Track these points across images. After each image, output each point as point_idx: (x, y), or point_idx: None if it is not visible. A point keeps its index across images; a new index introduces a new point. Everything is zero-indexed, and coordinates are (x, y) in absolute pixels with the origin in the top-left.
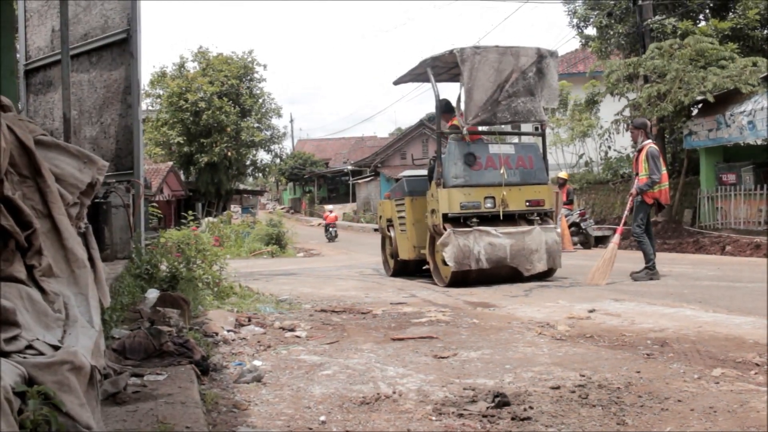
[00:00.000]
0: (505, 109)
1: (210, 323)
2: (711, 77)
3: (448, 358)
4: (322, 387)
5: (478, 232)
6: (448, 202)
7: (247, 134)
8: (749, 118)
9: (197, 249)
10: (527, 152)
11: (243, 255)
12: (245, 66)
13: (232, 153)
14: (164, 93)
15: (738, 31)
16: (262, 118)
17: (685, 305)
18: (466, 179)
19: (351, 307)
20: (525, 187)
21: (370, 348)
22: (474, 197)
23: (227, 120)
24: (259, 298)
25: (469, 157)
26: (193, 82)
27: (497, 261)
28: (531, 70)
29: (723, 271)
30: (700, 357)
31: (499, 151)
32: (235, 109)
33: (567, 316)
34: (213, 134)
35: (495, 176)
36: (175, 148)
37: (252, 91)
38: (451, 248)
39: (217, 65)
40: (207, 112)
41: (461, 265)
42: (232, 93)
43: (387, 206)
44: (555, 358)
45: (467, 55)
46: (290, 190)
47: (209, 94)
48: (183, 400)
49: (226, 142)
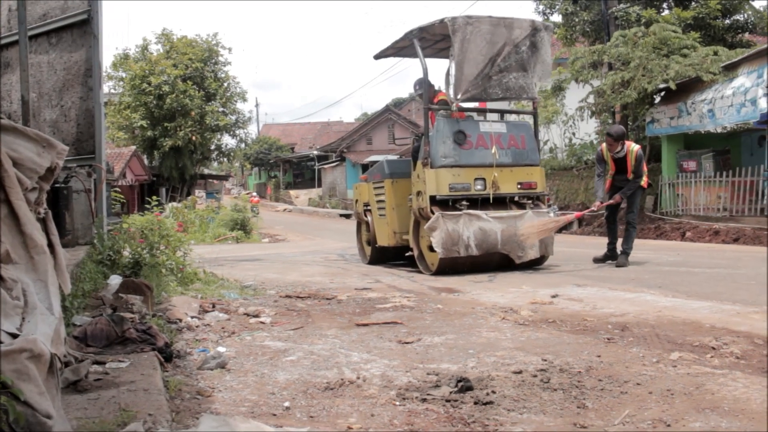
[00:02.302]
0: (496, 85)
1: (174, 309)
2: (673, 65)
3: (412, 344)
4: (286, 373)
5: (467, 217)
6: (436, 183)
7: (211, 118)
8: (710, 106)
9: (161, 234)
10: (519, 131)
11: (207, 240)
12: (210, 49)
13: (196, 137)
14: (127, 76)
15: (700, 21)
16: (227, 102)
17: (646, 290)
18: (456, 159)
19: (316, 292)
20: (517, 169)
21: (335, 333)
22: (464, 178)
23: (191, 104)
24: (223, 284)
25: (458, 135)
26: (157, 64)
27: (488, 247)
28: (524, 44)
29: (683, 256)
30: (658, 341)
31: (490, 129)
32: (200, 93)
33: (530, 302)
34: (177, 118)
35: (486, 156)
36: (138, 132)
37: (217, 74)
38: (440, 233)
39: (181, 48)
40: (171, 96)
41: (450, 252)
42: (197, 76)
43: (364, 189)
44: (518, 343)
45: (459, 25)
46: (255, 175)
47: (173, 77)
48: (146, 387)
49: (190, 127)
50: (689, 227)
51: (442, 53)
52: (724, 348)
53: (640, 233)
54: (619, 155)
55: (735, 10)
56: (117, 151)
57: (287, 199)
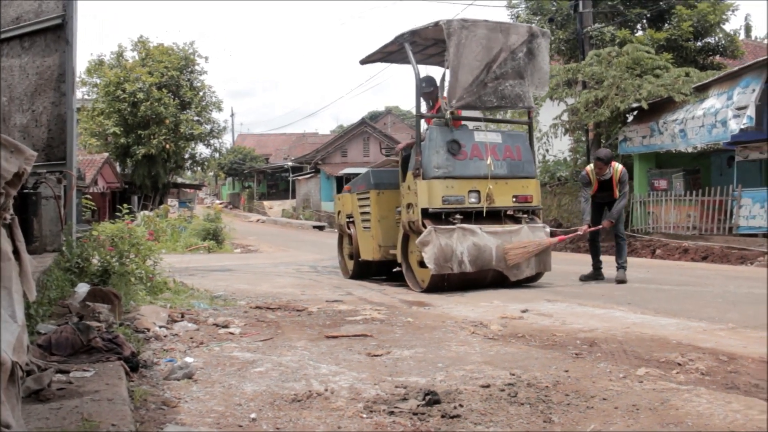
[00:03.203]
0: (491, 93)
1: (142, 319)
2: (646, 85)
3: (382, 357)
4: (253, 384)
5: (461, 231)
6: (429, 195)
7: (186, 127)
8: (681, 126)
9: (131, 243)
10: (515, 142)
11: (179, 250)
12: (186, 57)
13: (170, 146)
14: (101, 82)
15: (673, 42)
16: (202, 111)
17: (615, 306)
18: (449, 170)
19: (286, 304)
20: (512, 181)
21: (304, 345)
22: (457, 190)
23: (166, 112)
24: (193, 294)
25: (452, 145)
26: (132, 72)
27: (482, 264)
28: (521, 50)
29: (652, 273)
30: (626, 356)
31: (485, 140)
32: (175, 102)
33: (500, 316)
34: (151, 126)
35: (481, 167)
36: (111, 138)
37: (192, 83)
38: (432, 248)
39: (157, 56)
40: (145, 103)
41: (442, 268)
42: (172, 85)
43: (347, 200)
44: (486, 357)
45: (454, 29)
46: (229, 185)
47: (148, 84)
48: (110, 397)
49: (164, 135)
50: (659, 245)
51: (433, 59)
52: (690, 364)
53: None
54: (606, 177)
55: (707, 32)
56: (89, 157)
57: (261, 209)
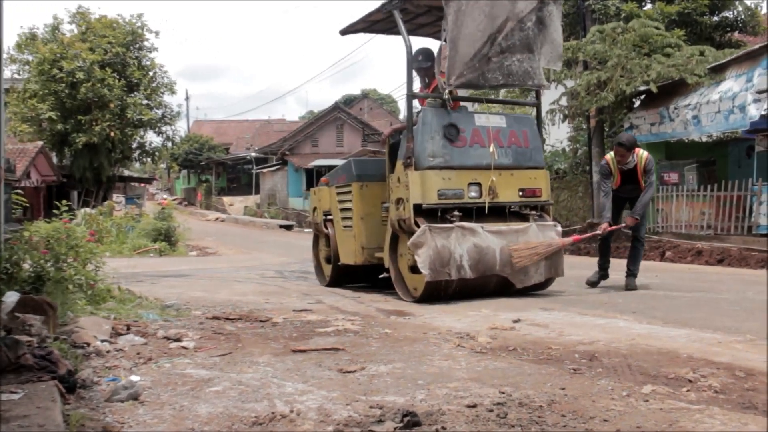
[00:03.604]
0: (496, 69)
1: (81, 332)
2: (655, 66)
3: (355, 373)
4: (209, 405)
5: (460, 230)
6: (422, 188)
7: (134, 112)
8: (694, 112)
9: (69, 245)
10: (521, 126)
11: (125, 253)
12: (133, 32)
13: (115, 133)
14: (34, 59)
15: (685, 17)
16: (152, 94)
17: (619, 316)
18: (446, 159)
19: (248, 314)
20: (518, 172)
21: (267, 361)
22: (456, 183)
23: (110, 94)
24: (141, 303)
25: (450, 130)
26: (70, 47)
27: (484, 269)
28: (530, 19)
29: (661, 278)
30: (630, 372)
31: (487, 123)
32: (121, 83)
33: (489, 327)
34: (93, 110)
35: (482, 156)
36: (46, 125)
37: (141, 62)
38: (427, 251)
39: (100, 29)
40: (86, 84)
41: (439, 274)
42: (117, 63)
43: (324, 195)
44: (473, 373)
45: None
46: (184, 179)
47: (89, 63)
48: (41, 423)
49: (108, 121)
50: (669, 246)
51: (424, 30)
52: (702, 381)
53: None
54: (629, 166)
55: (724, 6)
56: (20, 146)
57: (220, 206)
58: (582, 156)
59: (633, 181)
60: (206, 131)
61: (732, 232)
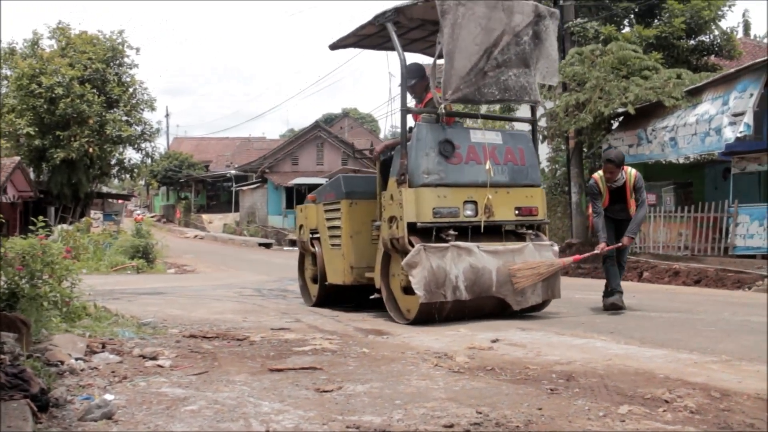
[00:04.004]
0: (492, 83)
1: (55, 350)
2: (633, 88)
3: (332, 392)
4: (184, 425)
5: (456, 250)
6: (417, 206)
7: (113, 128)
8: (671, 134)
9: (45, 261)
10: (517, 143)
11: (103, 270)
12: (114, 48)
13: (94, 149)
14: (12, 74)
15: (663, 40)
16: (131, 110)
17: (596, 336)
18: (441, 176)
19: (225, 332)
20: (514, 190)
21: (244, 380)
22: (451, 201)
23: (90, 110)
24: (117, 321)
25: (445, 146)
26: (50, 63)
27: (480, 290)
28: (526, 33)
29: (638, 299)
30: (607, 392)
31: (483, 140)
32: (100, 98)
33: (467, 347)
34: (72, 126)
35: (478, 173)
36: (24, 140)
37: (121, 78)
38: (421, 271)
39: (80, 45)
40: (65, 100)
41: (434, 295)
42: (97, 79)
43: (311, 213)
44: (451, 393)
45: (449, 6)
46: (163, 196)
47: (69, 78)
48: None
49: (87, 137)
50: (647, 267)
51: (415, 45)
52: (678, 401)
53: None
54: (618, 184)
55: (701, 30)
56: None
57: (199, 224)
58: (561, 177)
59: (621, 200)
60: (186, 148)
61: (709, 253)
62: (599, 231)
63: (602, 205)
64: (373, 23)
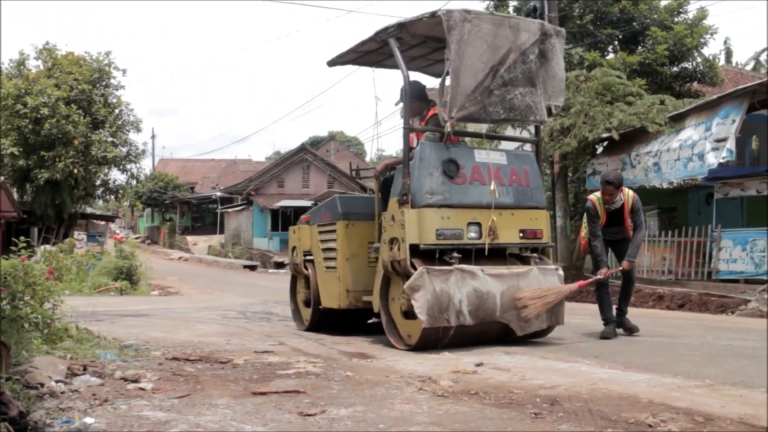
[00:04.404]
0: (498, 102)
1: (35, 372)
2: (617, 113)
3: (315, 416)
4: None
5: (460, 273)
6: (419, 227)
7: (98, 149)
8: (655, 159)
9: (26, 282)
10: (522, 163)
11: (86, 291)
12: (100, 69)
13: (79, 170)
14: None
15: (647, 67)
16: (117, 131)
17: (581, 360)
18: (445, 197)
19: (208, 355)
20: (519, 212)
21: (227, 403)
22: (455, 222)
23: (75, 131)
24: (99, 343)
25: (449, 166)
26: (35, 83)
27: (484, 315)
28: (532, 52)
29: None
30: (591, 417)
31: (487, 160)
32: (86, 119)
33: (452, 370)
34: (57, 147)
35: (482, 194)
36: (8, 160)
37: (107, 99)
38: (424, 295)
39: (66, 66)
40: (50, 121)
41: (437, 320)
42: (83, 100)
43: (305, 234)
44: (434, 417)
45: (456, 22)
46: (147, 217)
47: (54, 99)
48: None
49: (72, 157)
50: None
51: (415, 63)
52: (662, 426)
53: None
54: (616, 206)
55: (683, 57)
56: None
57: (184, 245)
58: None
59: (618, 222)
60: (172, 170)
61: (692, 277)
62: (599, 255)
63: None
64: (374, 39)
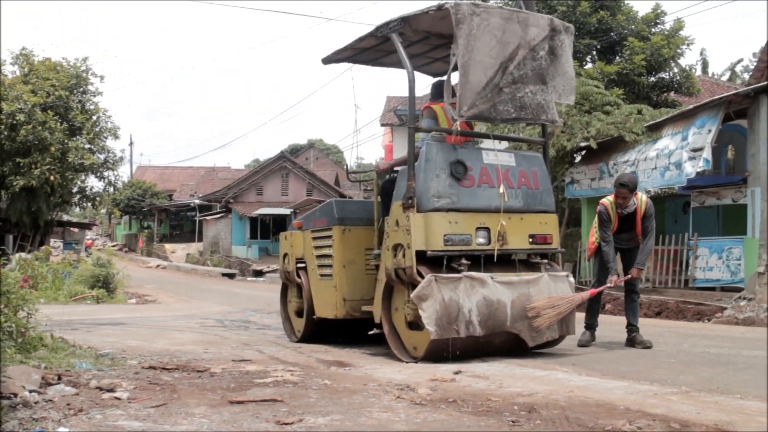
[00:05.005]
0: (508, 101)
1: (8, 382)
2: (595, 123)
3: (293, 425)
4: None
5: (469, 281)
6: (426, 233)
7: (75, 156)
8: (632, 168)
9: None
10: (531, 165)
11: (61, 299)
12: (78, 75)
13: (55, 177)
14: None
15: (624, 77)
16: (95, 138)
17: (558, 368)
18: (453, 200)
19: (186, 364)
20: (528, 216)
21: (203, 412)
22: (463, 227)
23: (52, 138)
24: (74, 352)
25: (457, 167)
26: (11, 89)
27: (494, 325)
28: (542, 48)
29: (600, 330)
30: (568, 424)
31: (496, 161)
32: (63, 126)
33: (430, 378)
34: (33, 153)
35: (491, 197)
36: None
37: (84, 105)
38: (433, 304)
39: (43, 72)
40: (26, 127)
41: (446, 331)
42: (60, 106)
43: (297, 240)
44: (412, 425)
45: (464, 15)
46: (125, 225)
47: (31, 105)
48: None
49: (48, 164)
50: (609, 299)
51: (414, 61)
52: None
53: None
54: (629, 210)
55: (660, 67)
56: None
57: (161, 253)
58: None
59: (630, 228)
60: (150, 177)
61: (669, 285)
62: (609, 262)
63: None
64: (374, 35)
